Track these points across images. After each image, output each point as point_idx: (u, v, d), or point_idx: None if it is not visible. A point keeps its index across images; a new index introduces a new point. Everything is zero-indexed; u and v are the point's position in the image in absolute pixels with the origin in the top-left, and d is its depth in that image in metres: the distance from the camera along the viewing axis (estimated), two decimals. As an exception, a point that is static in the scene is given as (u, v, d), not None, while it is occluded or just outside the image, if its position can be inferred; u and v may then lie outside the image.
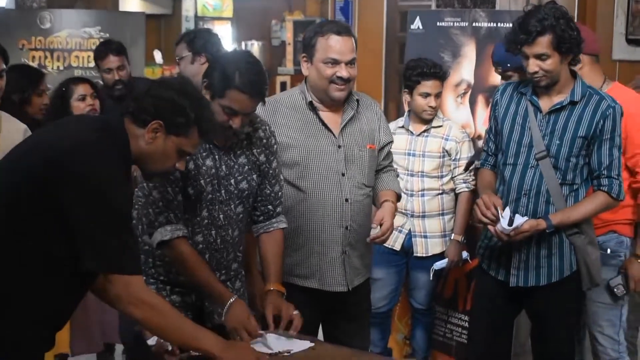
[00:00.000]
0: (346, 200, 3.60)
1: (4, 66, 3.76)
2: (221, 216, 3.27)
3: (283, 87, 11.65)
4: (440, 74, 4.56)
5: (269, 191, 3.43)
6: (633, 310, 4.44)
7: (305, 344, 3.14)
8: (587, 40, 3.75)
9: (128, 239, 2.64)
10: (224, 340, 2.82)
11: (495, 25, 4.95)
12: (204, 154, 3.23)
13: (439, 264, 4.67)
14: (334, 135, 3.61)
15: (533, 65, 3.55)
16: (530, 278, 3.69)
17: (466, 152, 4.70)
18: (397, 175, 3.92)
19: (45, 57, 7.31)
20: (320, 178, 3.59)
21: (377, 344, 4.85)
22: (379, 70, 11.52)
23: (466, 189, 4.67)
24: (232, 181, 3.28)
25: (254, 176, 3.35)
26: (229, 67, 3.13)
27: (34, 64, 7.01)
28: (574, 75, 3.66)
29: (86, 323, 4.74)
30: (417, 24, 5.29)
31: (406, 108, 4.80)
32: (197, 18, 13.20)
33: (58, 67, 7.31)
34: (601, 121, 3.58)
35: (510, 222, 3.53)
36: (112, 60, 5.42)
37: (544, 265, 3.66)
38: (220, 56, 3.32)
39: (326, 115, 3.63)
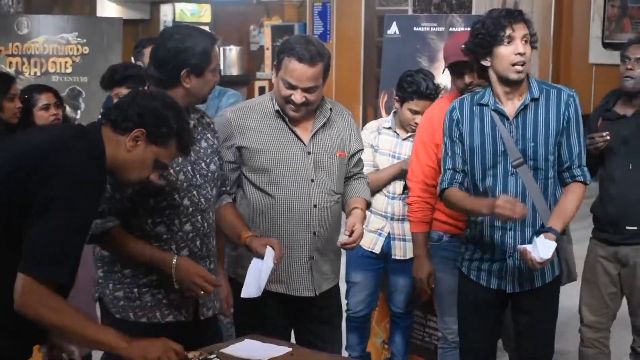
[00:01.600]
0: (314, 206, 3.61)
1: None
2: (202, 200, 3.30)
3: (262, 91, 11.67)
4: (433, 96, 4.53)
5: (223, 173, 3.52)
6: (604, 314, 4.51)
7: (283, 349, 3.14)
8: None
9: (75, 253, 2.64)
10: (124, 336, 2.74)
11: (471, 30, 4.96)
12: None
13: None
14: (303, 142, 3.63)
15: (521, 46, 3.48)
16: (526, 283, 3.69)
17: None
18: (368, 183, 3.92)
19: (23, 63, 7.27)
20: (289, 184, 3.60)
21: (356, 347, 4.86)
22: (358, 74, 11.58)
23: None
24: (203, 164, 3.34)
25: (216, 158, 3.42)
26: (199, 39, 3.25)
27: (11, 70, 6.98)
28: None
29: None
30: (393, 29, 5.32)
31: (383, 111, 4.80)
32: (175, 23, 13.19)
33: (35, 73, 7.28)
34: (566, 112, 3.58)
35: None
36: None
37: (537, 269, 3.62)
38: (177, 45, 3.25)
39: (297, 122, 3.64)
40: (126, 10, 12.81)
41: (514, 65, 3.50)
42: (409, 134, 4.62)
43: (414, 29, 5.18)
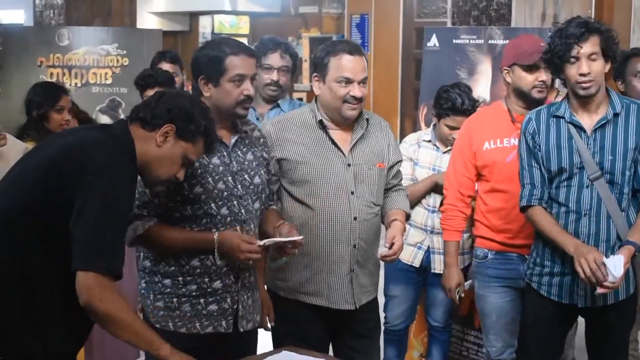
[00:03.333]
0: (355, 218, 3.60)
1: None
2: (242, 211, 3.31)
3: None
4: (469, 112, 4.49)
5: (270, 189, 3.54)
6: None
7: (321, 362, 3.14)
8: None
9: (120, 244, 2.69)
10: (172, 348, 2.79)
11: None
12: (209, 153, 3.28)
13: (467, 284, 4.58)
14: (343, 154, 3.62)
15: (585, 66, 3.45)
16: (598, 298, 3.59)
17: None
18: (407, 195, 3.90)
19: (64, 74, 7.33)
20: (330, 196, 3.60)
21: None
22: (395, 87, 11.55)
23: None
24: (246, 176, 3.35)
25: (262, 171, 3.43)
26: (215, 49, 3.28)
27: (52, 81, 7.05)
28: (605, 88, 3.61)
29: (101, 339, 4.74)
30: (433, 41, 5.30)
31: (422, 124, 4.78)
32: (214, 35, 13.27)
33: (76, 84, 7.34)
34: None
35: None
36: (166, 68, 5.60)
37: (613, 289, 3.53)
38: (197, 53, 3.35)
39: (336, 133, 3.64)
40: (166, 22, 12.92)
41: (579, 83, 3.49)
42: (449, 148, 4.60)
43: (454, 41, 5.17)
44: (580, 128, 3.56)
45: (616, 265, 3.40)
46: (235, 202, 3.30)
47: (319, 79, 3.61)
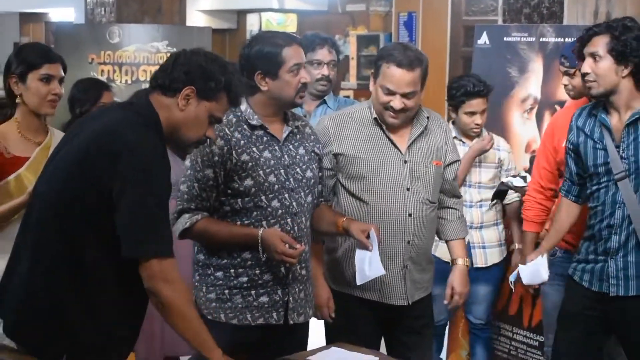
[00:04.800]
0: (410, 215, 3.61)
1: (63, 74, 3.81)
2: (294, 203, 3.35)
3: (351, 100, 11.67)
4: (484, 92, 4.55)
5: (322, 185, 3.58)
6: None
7: (370, 358, 3.14)
8: None
9: (164, 222, 2.70)
10: (224, 355, 2.80)
11: (562, 40, 4.90)
12: (261, 147, 3.34)
13: (515, 275, 4.58)
14: (400, 150, 3.62)
15: (585, 66, 3.49)
16: (632, 287, 3.58)
17: (513, 162, 4.78)
18: (462, 215, 3.92)
19: (114, 71, 7.41)
20: (385, 192, 3.61)
21: (433, 355, 4.81)
22: (443, 85, 11.42)
23: (517, 198, 4.67)
24: (298, 170, 3.39)
25: (314, 166, 3.46)
26: (268, 43, 3.34)
27: (103, 78, 7.12)
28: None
29: (149, 330, 4.77)
30: (484, 39, 5.27)
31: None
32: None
33: (126, 80, 7.41)
34: None
35: None
36: None
37: (639, 276, 3.56)
38: (249, 50, 3.38)
39: (394, 130, 3.65)
40: (214, 20, 12.99)
41: (584, 82, 3.53)
42: (474, 142, 4.60)
43: (505, 39, 5.13)
44: (607, 127, 3.54)
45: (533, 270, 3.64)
46: (286, 195, 3.32)
47: (373, 78, 3.62)
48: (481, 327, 4.88)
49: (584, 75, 3.53)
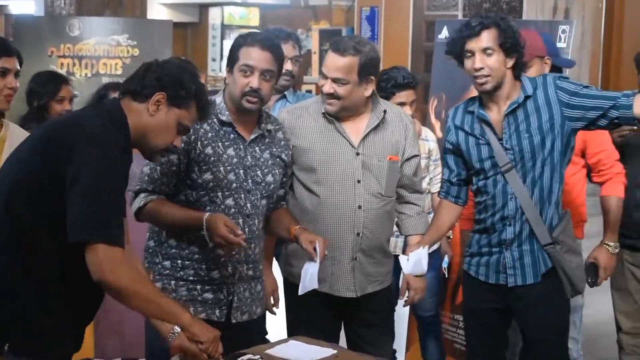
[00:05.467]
0: (359, 207, 3.63)
1: (19, 67, 3.78)
2: (248, 205, 3.36)
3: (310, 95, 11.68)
4: (412, 84, 4.56)
5: (283, 192, 3.61)
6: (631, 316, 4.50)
7: (328, 351, 3.14)
8: (532, 43, 3.83)
9: (116, 212, 2.68)
10: (193, 316, 2.85)
11: (527, 29, 4.92)
12: (227, 143, 3.34)
13: (446, 262, 4.65)
14: (351, 143, 3.64)
15: (478, 62, 3.45)
16: (528, 275, 3.59)
17: (439, 152, 4.78)
18: (423, 211, 3.92)
19: (74, 64, 7.34)
20: (335, 184, 3.63)
21: None
22: (405, 79, 11.53)
23: None
24: (259, 172, 3.39)
25: (277, 171, 3.46)
26: (241, 37, 3.38)
27: (62, 71, 7.06)
28: (518, 78, 3.56)
29: (105, 330, 4.73)
30: (444, 33, 5.30)
31: (432, 116, 4.78)
32: (224, 26, 13.30)
33: (86, 74, 7.35)
34: (559, 91, 3.48)
35: None
36: None
37: (534, 263, 3.57)
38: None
39: (347, 123, 3.66)
40: (176, 13, 12.92)
41: (475, 78, 3.49)
42: None
43: (464, 33, 5.14)
44: (487, 122, 3.54)
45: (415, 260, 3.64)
46: (242, 195, 3.34)
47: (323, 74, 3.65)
48: (431, 321, 4.87)
49: (476, 70, 3.48)
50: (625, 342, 4.53)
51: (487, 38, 3.45)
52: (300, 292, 3.44)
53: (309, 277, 3.39)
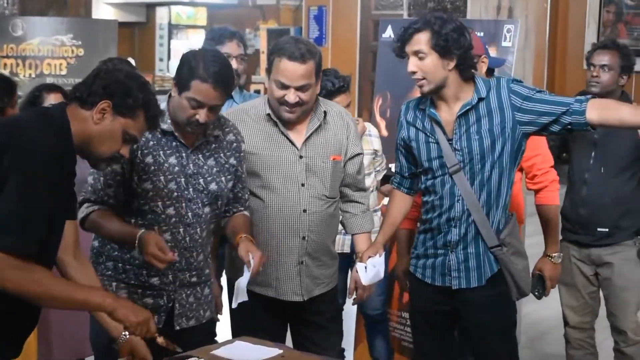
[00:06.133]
0: (304, 210, 3.61)
1: None
2: (189, 214, 3.31)
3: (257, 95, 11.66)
4: (344, 88, 4.53)
5: (241, 194, 3.51)
6: (587, 314, 4.56)
7: (274, 351, 3.14)
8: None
9: (33, 223, 2.60)
10: (113, 294, 2.81)
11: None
12: (168, 152, 3.28)
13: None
14: (295, 145, 3.62)
15: (411, 65, 3.42)
16: (473, 278, 3.55)
17: (381, 147, 4.81)
18: (368, 209, 3.90)
19: (17, 65, 7.27)
20: (279, 188, 3.60)
21: None
22: (353, 78, 11.55)
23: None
24: (201, 181, 3.33)
25: (223, 178, 3.39)
26: (194, 60, 3.21)
27: (6, 72, 6.97)
28: (471, 79, 3.51)
29: (48, 336, 4.68)
30: (388, 32, 5.31)
31: (377, 115, 4.79)
32: (171, 26, 13.23)
33: (30, 74, 7.27)
34: (512, 95, 3.44)
35: None
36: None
37: (479, 266, 3.54)
38: (189, 52, 3.34)
39: (290, 125, 3.63)
40: (122, 13, 12.82)
41: (416, 81, 3.46)
42: None
43: (409, 32, 5.16)
44: (437, 121, 3.51)
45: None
46: (183, 204, 3.29)
47: (268, 74, 3.61)
48: (378, 319, 4.88)
49: (412, 73, 3.46)
50: (572, 336, 4.59)
51: (419, 41, 3.40)
52: (232, 306, 3.39)
53: (240, 291, 3.35)
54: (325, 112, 3.67)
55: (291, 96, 3.51)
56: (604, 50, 4.42)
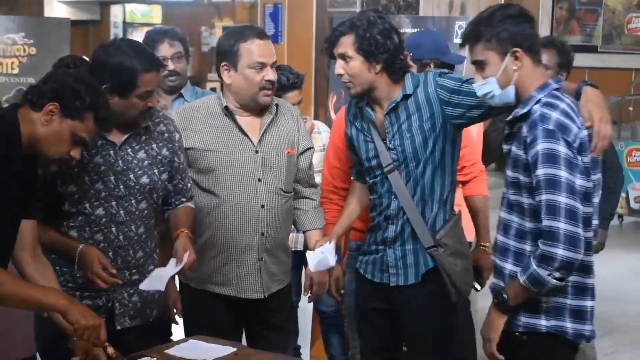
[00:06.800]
0: (262, 206, 3.60)
1: None
2: (121, 212, 3.26)
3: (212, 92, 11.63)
4: (298, 84, 4.53)
5: (181, 185, 3.47)
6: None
7: (228, 349, 3.14)
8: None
9: None
10: (68, 296, 2.82)
11: (419, 30, 4.99)
12: (93, 151, 3.22)
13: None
14: (251, 140, 3.62)
15: (338, 67, 3.41)
16: (410, 275, 3.50)
17: None
18: (319, 205, 3.89)
19: (-32, 64, 7.20)
20: (236, 184, 3.58)
21: None
22: (309, 75, 11.56)
23: None
24: (132, 176, 3.28)
25: (156, 170, 3.35)
26: (125, 60, 3.17)
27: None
28: (401, 80, 3.46)
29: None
30: (341, 29, 5.30)
31: (332, 112, 4.79)
32: (126, 24, 13.15)
33: (-19, 74, 7.20)
34: (438, 89, 3.39)
35: None
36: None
37: (416, 263, 3.48)
38: (105, 59, 3.23)
39: (244, 120, 3.62)
40: (75, 11, 12.71)
41: (344, 82, 3.44)
42: None
43: (362, 29, 5.18)
44: (372, 120, 3.46)
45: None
46: (113, 203, 3.25)
47: (229, 67, 3.59)
48: (333, 316, 4.88)
49: (340, 76, 3.44)
50: None
51: (344, 44, 3.36)
52: (142, 287, 3.27)
53: (156, 278, 3.26)
54: (277, 106, 3.68)
55: (271, 73, 3.53)
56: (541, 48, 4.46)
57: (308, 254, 3.66)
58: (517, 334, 2.99)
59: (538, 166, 2.84)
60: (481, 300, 4.86)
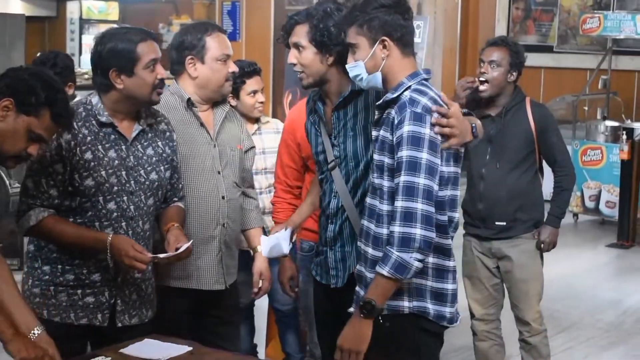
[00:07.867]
0: (223, 197, 3.63)
1: None
2: (132, 207, 3.27)
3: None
4: (259, 70, 4.61)
5: (177, 184, 3.49)
6: (491, 306, 4.64)
7: (183, 348, 3.12)
8: None
9: None
10: (16, 334, 2.76)
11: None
12: (107, 145, 3.23)
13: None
14: (210, 134, 3.64)
15: (291, 56, 3.37)
16: (349, 278, 3.36)
17: None
18: (258, 204, 3.94)
19: None
20: (198, 176, 3.61)
21: (245, 339, 4.75)
22: (267, 73, 11.59)
23: None
24: (142, 172, 3.30)
25: (162, 168, 3.37)
26: (122, 39, 3.21)
27: None
28: None
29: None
30: (298, 27, 5.30)
31: (287, 110, 4.78)
32: (83, 21, 13.02)
33: None
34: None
35: None
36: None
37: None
38: (102, 47, 3.22)
39: (203, 114, 3.66)
40: (31, 7, 12.55)
41: (298, 73, 3.39)
42: (255, 128, 4.63)
43: (319, 27, 5.19)
44: (320, 116, 3.42)
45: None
46: (125, 198, 3.25)
47: (196, 60, 3.59)
48: (289, 314, 4.88)
49: (292, 65, 3.40)
50: (478, 328, 4.66)
51: (298, 33, 3.32)
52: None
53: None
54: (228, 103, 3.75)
55: (232, 65, 3.62)
56: (493, 47, 4.50)
57: (262, 238, 3.68)
58: (380, 320, 2.96)
59: (402, 148, 2.89)
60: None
